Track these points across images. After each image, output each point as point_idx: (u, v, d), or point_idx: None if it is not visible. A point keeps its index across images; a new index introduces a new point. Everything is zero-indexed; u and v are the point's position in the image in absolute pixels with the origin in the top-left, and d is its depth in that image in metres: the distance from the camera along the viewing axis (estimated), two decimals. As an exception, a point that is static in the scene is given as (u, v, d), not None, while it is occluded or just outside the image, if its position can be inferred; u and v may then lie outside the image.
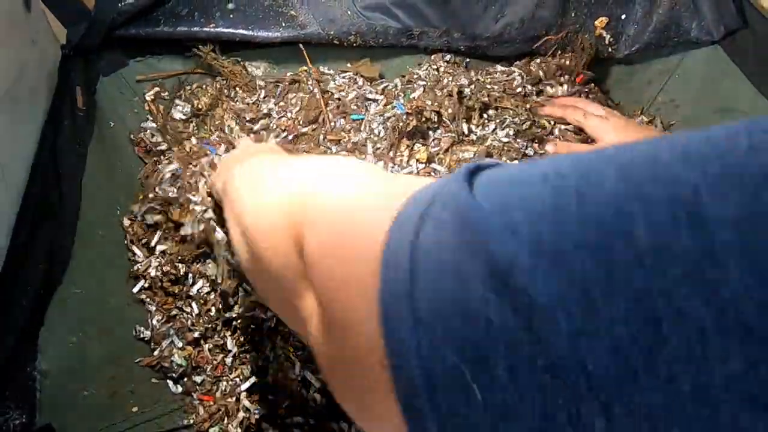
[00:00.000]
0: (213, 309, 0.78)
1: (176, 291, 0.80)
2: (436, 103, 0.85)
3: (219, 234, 0.65)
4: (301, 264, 0.31)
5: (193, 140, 0.86)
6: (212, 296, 0.78)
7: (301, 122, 0.88)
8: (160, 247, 0.81)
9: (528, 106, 0.90)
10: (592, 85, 0.96)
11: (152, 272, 0.80)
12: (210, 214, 0.67)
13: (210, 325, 0.78)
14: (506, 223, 0.18)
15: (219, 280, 0.72)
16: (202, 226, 0.68)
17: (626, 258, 0.15)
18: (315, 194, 0.32)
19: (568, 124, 0.89)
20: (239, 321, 0.77)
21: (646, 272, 0.15)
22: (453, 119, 0.86)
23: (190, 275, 0.79)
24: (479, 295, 0.18)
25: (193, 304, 0.79)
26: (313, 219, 0.31)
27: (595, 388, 0.15)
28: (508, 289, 0.17)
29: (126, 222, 0.84)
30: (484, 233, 0.19)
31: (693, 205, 0.15)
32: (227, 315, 0.77)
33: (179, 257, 0.79)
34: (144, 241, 0.83)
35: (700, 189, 0.15)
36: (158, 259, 0.80)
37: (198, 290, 0.78)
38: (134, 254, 0.82)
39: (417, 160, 0.84)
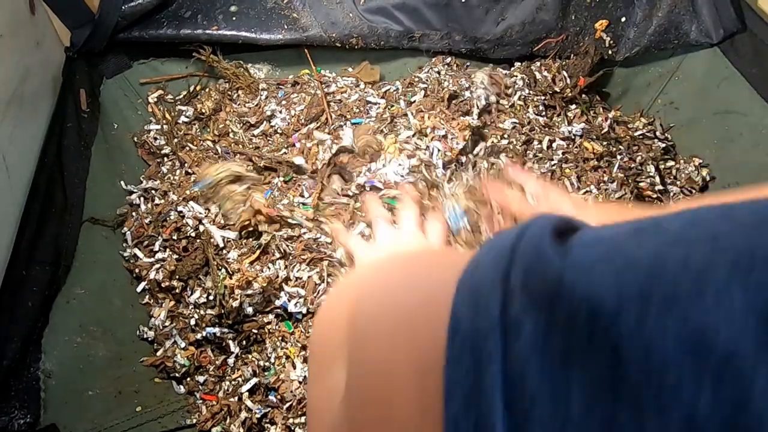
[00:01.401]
0: (213, 312, 0.77)
1: (178, 290, 0.80)
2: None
3: None
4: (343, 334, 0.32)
5: (218, 148, 0.87)
6: (210, 302, 0.78)
7: (303, 120, 0.89)
8: (159, 255, 0.82)
9: (528, 107, 0.91)
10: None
11: (152, 275, 0.80)
12: None
13: (211, 328, 0.78)
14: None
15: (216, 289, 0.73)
16: None
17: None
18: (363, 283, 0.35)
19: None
20: (240, 325, 0.77)
21: None
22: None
23: (188, 288, 0.80)
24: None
25: (193, 309, 0.79)
26: (361, 296, 0.32)
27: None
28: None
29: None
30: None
31: None
32: (228, 321, 0.77)
33: (176, 275, 0.79)
34: (146, 243, 0.83)
35: None
36: (158, 264, 0.81)
37: (196, 300, 0.78)
38: (136, 257, 0.83)
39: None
